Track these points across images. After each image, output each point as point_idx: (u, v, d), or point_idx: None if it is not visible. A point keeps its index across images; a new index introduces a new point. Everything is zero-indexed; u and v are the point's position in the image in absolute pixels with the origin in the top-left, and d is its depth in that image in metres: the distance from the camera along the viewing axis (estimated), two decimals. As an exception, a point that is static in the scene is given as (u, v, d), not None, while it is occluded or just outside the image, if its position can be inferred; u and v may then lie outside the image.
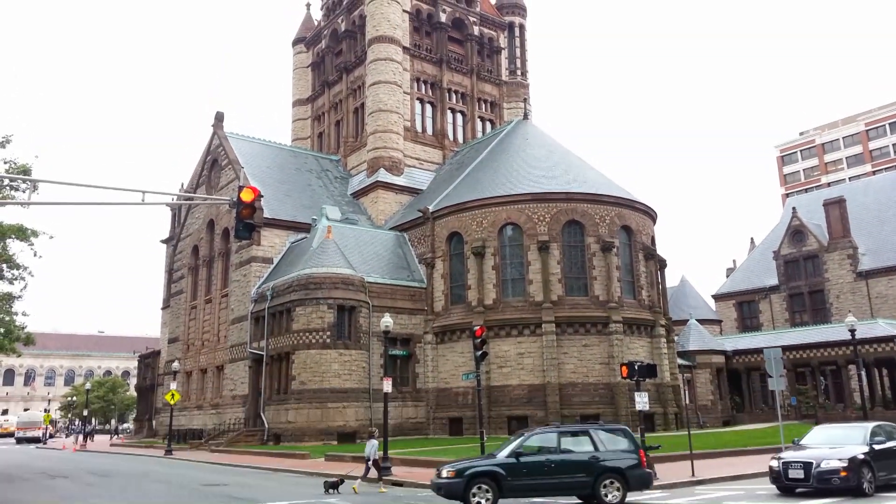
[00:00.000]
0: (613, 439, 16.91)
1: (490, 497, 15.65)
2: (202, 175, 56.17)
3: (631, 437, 17.17)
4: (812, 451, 17.33)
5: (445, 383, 42.29)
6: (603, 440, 16.81)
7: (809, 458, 16.78)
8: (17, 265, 29.04)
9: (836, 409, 48.04)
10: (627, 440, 16.99)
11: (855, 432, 18.25)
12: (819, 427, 20.22)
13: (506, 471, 16.00)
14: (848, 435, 18.20)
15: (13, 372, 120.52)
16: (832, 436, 18.53)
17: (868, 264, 59.68)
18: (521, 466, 16.16)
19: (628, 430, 17.56)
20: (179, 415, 50.68)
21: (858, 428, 18.68)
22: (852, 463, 16.26)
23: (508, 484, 15.89)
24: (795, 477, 16.70)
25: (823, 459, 16.53)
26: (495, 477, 15.87)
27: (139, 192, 16.68)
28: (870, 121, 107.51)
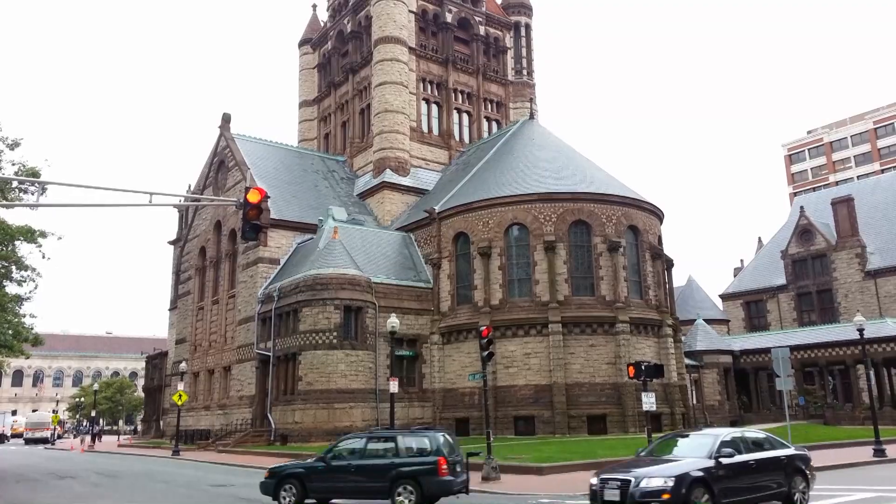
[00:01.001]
0: (419, 445, 16.84)
1: (294, 497, 16.79)
2: (209, 176, 56.35)
3: (435, 443, 16.56)
4: (640, 468, 14.02)
5: (452, 383, 42.29)
6: (408, 446, 16.88)
7: (629, 476, 13.51)
8: (25, 267, 29.24)
9: (845, 409, 47.81)
10: (430, 446, 16.59)
11: (703, 441, 14.91)
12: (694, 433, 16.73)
13: (311, 473, 17.15)
14: (694, 445, 15.02)
15: (22, 373, 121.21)
16: (688, 445, 15.32)
17: (877, 263, 59.36)
18: (326, 470, 17.14)
19: (436, 435, 17.00)
20: (187, 415, 50.85)
21: (709, 436, 15.16)
22: (680, 483, 13.00)
23: (312, 485, 16.92)
24: (610, 499, 13.46)
25: (644, 478, 13.27)
26: (301, 478, 17.04)
27: (147, 193, 16.75)
28: (878, 119, 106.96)
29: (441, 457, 16.20)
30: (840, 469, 23.57)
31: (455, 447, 17.29)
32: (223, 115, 55.09)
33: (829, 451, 29.32)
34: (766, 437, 16.09)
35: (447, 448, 16.67)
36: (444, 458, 16.16)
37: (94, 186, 16.93)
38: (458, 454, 17.20)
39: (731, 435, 15.15)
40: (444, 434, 17.45)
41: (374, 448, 17.32)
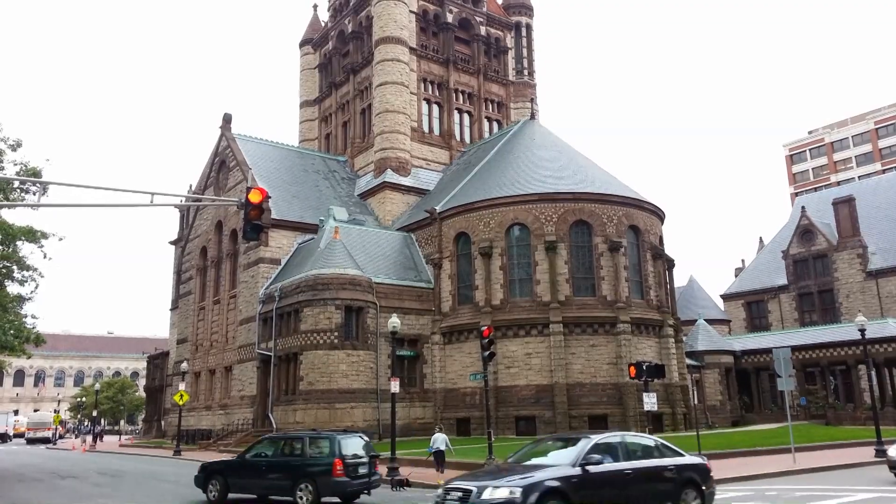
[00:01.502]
0: (323, 447, 18.05)
1: (218, 491, 18.62)
2: (210, 176, 56.39)
3: (334, 445, 17.65)
4: (492, 476, 12.76)
5: (453, 384, 42.29)
6: (314, 447, 18.23)
7: (473, 485, 12.26)
8: (27, 267, 29.28)
9: (846, 410, 47.78)
10: (330, 448, 17.74)
11: (573, 447, 13.41)
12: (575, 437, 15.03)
13: (231, 469, 19.11)
14: (565, 451, 13.53)
15: (23, 373, 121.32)
16: (560, 451, 13.82)
17: (878, 263, 59.32)
18: (242, 467, 18.99)
19: (336, 437, 18.08)
20: (188, 415, 50.89)
21: (581, 441, 13.47)
22: (528, 494, 11.56)
23: (231, 481, 18.75)
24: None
25: (489, 488, 11.91)
26: (223, 474, 18.92)
27: (148, 193, 16.76)
28: (879, 119, 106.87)
29: (337, 458, 17.23)
30: (841, 469, 23.58)
31: (366, 450, 18.47)
32: (224, 115, 55.14)
33: (830, 451, 29.35)
34: (655, 443, 14.58)
35: (353, 450, 17.90)
36: (339, 461, 17.19)
37: (95, 186, 16.95)
38: (365, 457, 18.20)
39: (608, 440, 13.65)
40: (355, 436, 19.05)
41: (286, 449, 18.95)
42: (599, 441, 13.40)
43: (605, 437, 13.78)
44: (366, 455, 18.22)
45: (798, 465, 23.19)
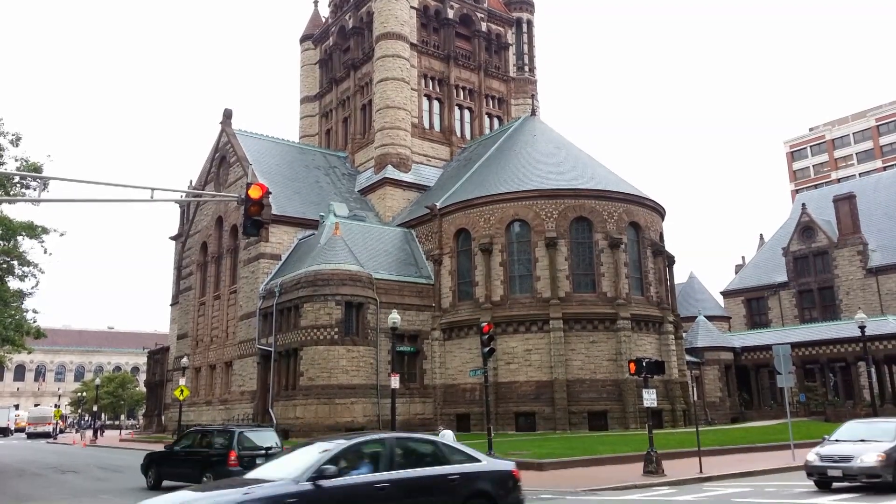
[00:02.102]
0: (225, 439, 19.99)
1: (154, 478, 21.27)
2: (210, 172, 56.38)
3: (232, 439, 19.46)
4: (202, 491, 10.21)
5: (453, 379, 42.35)
6: (219, 439, 20.24)
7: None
8: (27, 262, 29.31)
9: (846, 406, 47.84)
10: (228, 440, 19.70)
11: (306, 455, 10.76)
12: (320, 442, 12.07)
13: (161, 458, 21.87)
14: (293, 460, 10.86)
15: (24, 367, 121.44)
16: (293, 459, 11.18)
17: (878, 261, 59.35)
18: (168, 456, 21.78)
19: (234, 430, 20.10)
20: (188, 410, 50.95)
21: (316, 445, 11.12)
22: None
23: (163, 469, 21.32)
24: None
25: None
26: (158, 463, 21.61)
27: (148, 189, 16.77)
28: (880, 116, 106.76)
29: (231, 450, 19.01)
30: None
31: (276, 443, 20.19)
32: (225, 110, 55.09)
33: (829, 447, 29.34)
34: (438, 446, 11.76)
35: (263, 442, 19.79)
36: (233, 452, 18.97)
37: (95, 182, 16.94)
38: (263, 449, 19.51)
39: (359, 445, 10.90)
40: (266, 431, 21.35)
41: (200, 441, 21.27)
42: (347, 447, 10.55)
43: (356, 442, 10.98)
44: (275, 447, 19.68)
45: (797, 462, 23.16)
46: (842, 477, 16.61)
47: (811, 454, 17.58)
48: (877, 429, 17.89)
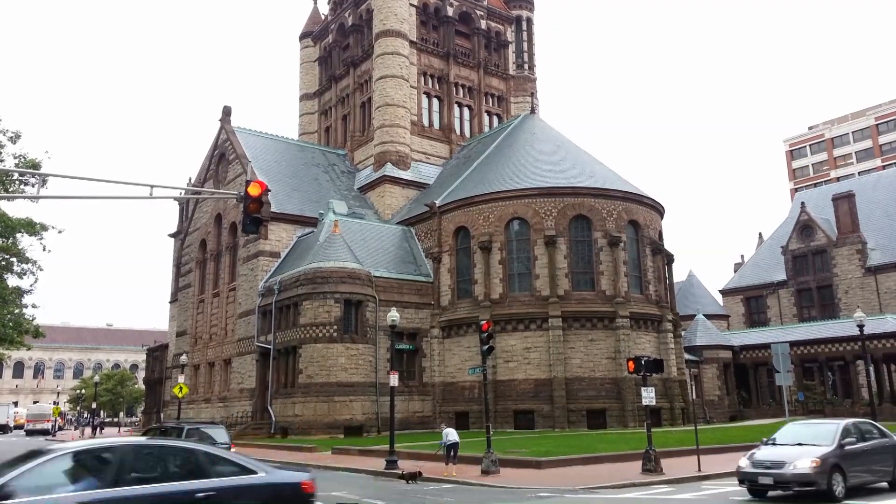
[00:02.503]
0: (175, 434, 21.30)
1: None
2: (210, 169, 56.33)
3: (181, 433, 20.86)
4: None
5: (452, 377, 42.37)
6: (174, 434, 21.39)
7: None
8: (26, 259, 29.28)
9: (844, 405, 47.91)
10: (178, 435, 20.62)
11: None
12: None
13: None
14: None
15: (23, 365, 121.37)
16: None
17: (877, 259, 59.38)
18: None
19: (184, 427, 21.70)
20: (187, 408, 50.94)
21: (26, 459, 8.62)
22: None
23: None
24: None
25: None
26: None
27: (147, 186, 16.73)
28: (879, 115, 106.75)
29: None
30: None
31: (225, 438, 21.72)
32: (224, 107, 55.05)
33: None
34: (191, 454, 9.43)
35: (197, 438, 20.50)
36: None
37: (94, 179, 16.94)
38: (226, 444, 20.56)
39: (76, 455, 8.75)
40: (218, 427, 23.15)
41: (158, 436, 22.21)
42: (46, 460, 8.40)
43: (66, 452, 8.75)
44: (223, 444, 20.41)
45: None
46: (773, 485, 15.16)
47: (743, 459, 16.10)
48: (817, 431, 16.53)
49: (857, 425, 16.83)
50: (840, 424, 16.31)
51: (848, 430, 16.05)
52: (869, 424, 17.51)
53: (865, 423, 17.68)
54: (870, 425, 17.46)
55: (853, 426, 16.54)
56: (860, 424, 17.08)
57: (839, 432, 15.75)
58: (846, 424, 16.37)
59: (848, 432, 15.99)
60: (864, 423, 17.37)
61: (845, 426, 16.17)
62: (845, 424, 16.34)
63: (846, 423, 16.56)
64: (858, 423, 17.07)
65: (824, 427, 16.65)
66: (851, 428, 16.32)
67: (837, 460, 15.11)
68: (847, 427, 16.21)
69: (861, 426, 16.91)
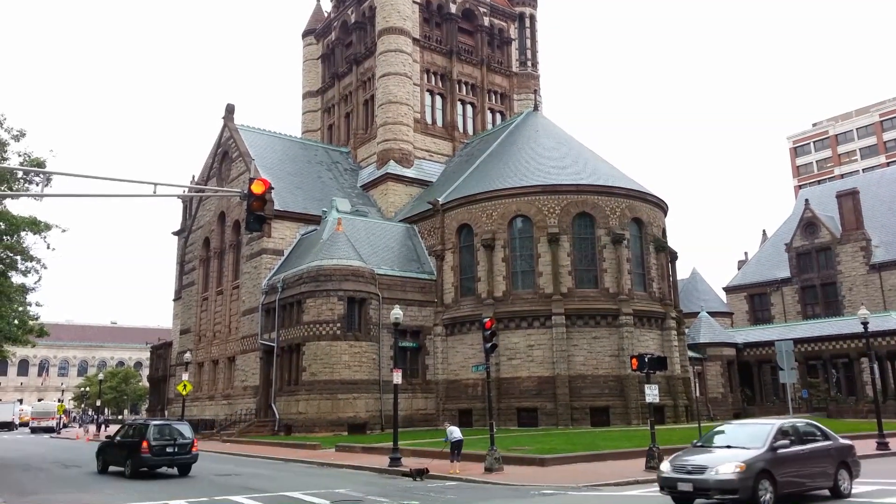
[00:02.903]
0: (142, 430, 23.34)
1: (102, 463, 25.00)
2: (213, 167, 56.39)
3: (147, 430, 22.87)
4: None
5: (455, 375, 42.40)
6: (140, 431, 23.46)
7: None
8: (30, 257, 29.36)
9: (848, 403, 47.80)
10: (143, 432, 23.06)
11: None
12: None
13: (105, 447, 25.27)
14: None
15: (27, 362, 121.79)
16: None
17: (881, 257, 59.18)
18: (109, 446, 24.97)
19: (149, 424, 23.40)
20: (191, 405, 51.05)
21: None
22: None
23: (106, 457, 24.80)
24: None
25: None
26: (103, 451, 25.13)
27: (151, 184, 16.75)
28: (884, 111, 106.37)
29: (144, 440, 22.51)
30: (842, 462, 23.53)
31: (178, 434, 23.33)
32: (227, 105, 55.08)
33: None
34: None
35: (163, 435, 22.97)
36: (145, 441, 22.47)
37: (98, 177, 16.98)
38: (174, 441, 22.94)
39: None
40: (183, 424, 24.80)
41: (130, 432, 24.21)
42: None
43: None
44: (187, 439, 23.25)
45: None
46: (693, 492, 13.84)
47: (665, 463, 14.85)
48: (750, 433, 15.19)
49: (796, 426, 15.60)
50: (775, 425, 15.05)
51: (784, 432, 14.84)
52: (811, 426, 16.26)
53: (807, 424, 16.46)
54: (812, 427, 16.21)
55: (791, 427, 15.36)
56: (800, 425, 15.86)
57: (772, 434, 14.47)
58: (782, 425, 15.12)
59: (784, 434, 14.79)
60: (804, 425, 16.23)
61: (780, 427, 14.92)
62: (780, 425, 15.08)
63: (782, 423, 15.36)
64: (797, 424, 15.89)
65: (757, 428, 15.34)
66: (788, 429, 15.15)
67: (766, 465, 13.79)
68: (783, 428, 14.99)
69: (800, 427, 15.72)
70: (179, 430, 23.74)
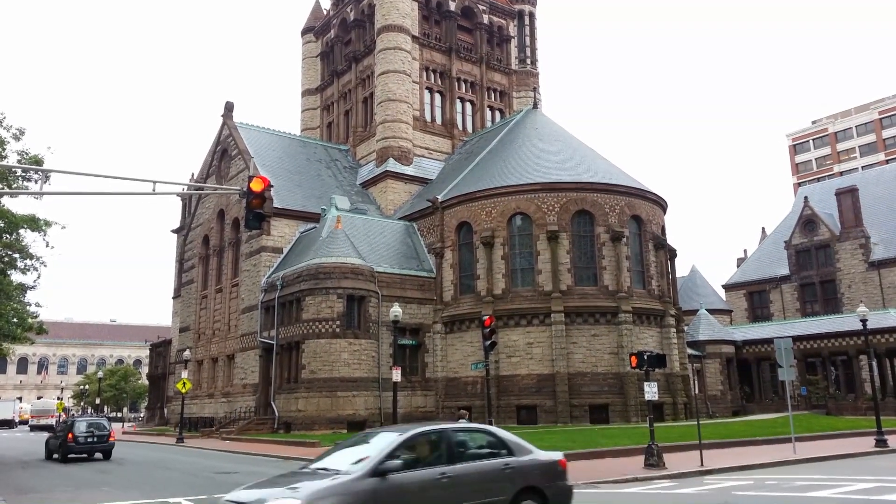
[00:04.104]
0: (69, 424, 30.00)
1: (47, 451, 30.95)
2: (212, 165, 56.34)
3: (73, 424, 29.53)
4: None
5: (454, 373, 42.42)
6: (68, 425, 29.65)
7: None
8: (29, 255, 29.35)
9: (847, 400, 47.90)
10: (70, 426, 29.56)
11: None
12: None
13: (50, 439, 31.20)
14: None
15: (26, 360, 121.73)
16: None
17: (880, 254, 59.23)
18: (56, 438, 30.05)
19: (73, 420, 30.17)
20: (191, 403, 51.09)
21: None
22: None
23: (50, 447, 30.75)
24: None
25: None
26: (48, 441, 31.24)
27: (150, 182, 16.75)
28: (883, 109, 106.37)
29: (70, 433, 28.37)
30: (842, 459, 23.64)
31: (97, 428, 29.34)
32: (226, 103, 55.01)
33: (830, 441, 29.44)
34: None
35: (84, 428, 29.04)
36: (70, 434, 28.28)
37: (97, 175, 16.95)
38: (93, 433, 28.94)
39: None
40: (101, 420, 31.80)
41: (64, 427, 29.73)
42: None
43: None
44: (105, 431, 29.39)
45: (798, 455, 23.27)
46: None
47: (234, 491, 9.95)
48: (371, 446, 10.30)
49: (447, 435, 10.78)
50: (406, 433, 10.40)
51: (410, 446, 10.22)
52: (482, 433, 11.68)
53: (476, 429, 11.98)
54: (483, 434, 11.57)
55: (431, 436, 10.74)
56: (457, 434, 11.04)
57: (387, 450, 9.79)
58: (413, 434, 10.42)
59: (411, 447, 10.23)
60: (468, 432, 11.62)
61: (407, 438, 10.23)
62: (412, 434, 10.41)
63: (414, 432, 10.50)
64: (450, 432, 10.96)
65: (379, 439, 10.51)
66: (422, 440, 10.58)
67: (360, 500, 9.10)
68: (412, 440, 10.30)
69: (456, 437, 10.90)
70: (99, 424, 30.15)
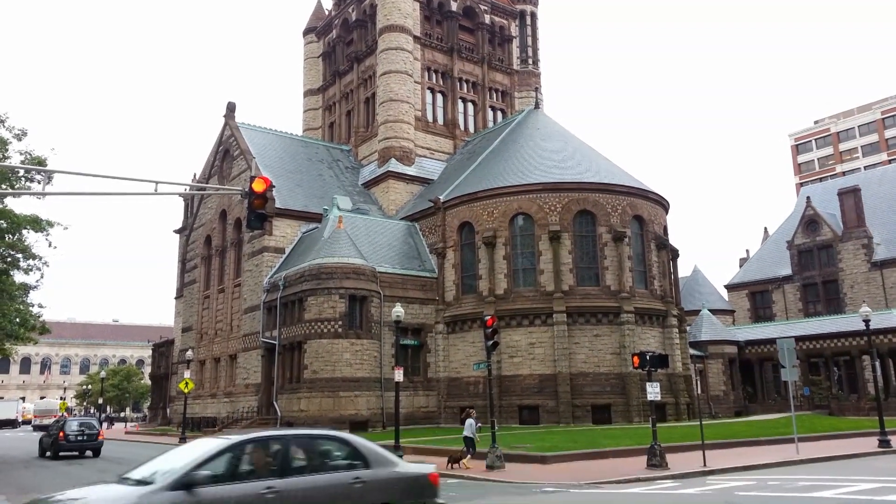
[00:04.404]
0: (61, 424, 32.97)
1: (41, 449, 33.28)
2: (214, 165, 56.38)
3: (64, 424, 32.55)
4: None
5: (456, 373, 42.41)
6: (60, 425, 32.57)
7: None
8: (32, 255, 29.42)
9: (850, 400, 47.81)
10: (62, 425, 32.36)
11: None
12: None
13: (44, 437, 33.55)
14: None
15: (29, 360, 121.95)
16: None
17: (883, 254, 59.10)
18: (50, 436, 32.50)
19: (64, 420, 34.50)
20: (193, 403, 51.15)
21: None
22: None
23: (44, 445, 33.05)
24: None
25: None
26: (42, 440, 33.45)
27: (152, 182, 16.75)
28: (886, 109, 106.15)
29: (61, 431, 30.99)
30: (844, 459, 23.60)
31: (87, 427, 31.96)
32: (228, 104, 55.06)
33: (833, 441, 29.39)
34: None
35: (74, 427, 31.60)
36: (62, 432, 30.88)
37: (100, 175, 16.96)
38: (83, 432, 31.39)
39: None
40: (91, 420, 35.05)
41: (57, 427, 32.31)
42: None
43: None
44: (94, 430, 31.89)
45: (801, 455, 23.24)
46: None
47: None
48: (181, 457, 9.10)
49: (283, 444, 9.51)
50: (224, 442, 9.20)
51: (235, 455, 9.04)
52: (329, 440, 10.11)
53: (329, 439, 10.16)
54: (336, 443, 10.04)
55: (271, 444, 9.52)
56: (300, 443, 9.77)
57: (199, 459, 8.70)
58: (236, 443, 9.19)
59: (235, 458, 9.00)
60: (311, 438, 10.08)
61: (229, 446, 9.05)
62: (233, 443, 9.15)
63: (240, 439, 9.31)
64: (291, 441, 9.69)
65: (196, 446, 9.45)
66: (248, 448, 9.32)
67: None
68: (234, 448, 9.10)
69: (297, 446, 9.63)
70: (89, 424, 32.55)
